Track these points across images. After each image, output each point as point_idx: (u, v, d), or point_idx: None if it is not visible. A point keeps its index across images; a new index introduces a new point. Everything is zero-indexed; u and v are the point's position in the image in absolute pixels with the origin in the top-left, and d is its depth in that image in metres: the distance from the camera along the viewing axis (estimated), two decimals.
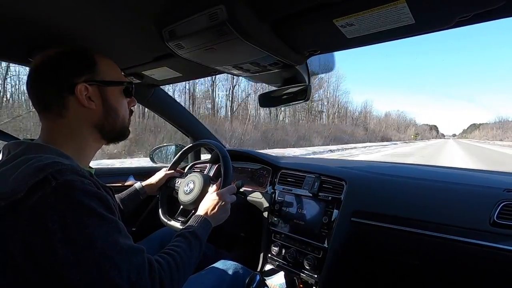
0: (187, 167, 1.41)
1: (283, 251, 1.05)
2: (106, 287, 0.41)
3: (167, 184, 1.05)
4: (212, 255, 1.08)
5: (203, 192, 0.87)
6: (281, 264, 1.04)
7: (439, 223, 0.80)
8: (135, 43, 0.73)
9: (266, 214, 1.12)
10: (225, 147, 1.24)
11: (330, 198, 0.99)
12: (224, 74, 0.93)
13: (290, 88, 0.91)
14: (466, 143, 52.42)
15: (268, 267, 1.07)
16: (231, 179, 0.88)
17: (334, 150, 16.17)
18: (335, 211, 0.96)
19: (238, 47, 0.62)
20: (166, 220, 0.96)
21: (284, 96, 0.94)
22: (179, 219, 0.95)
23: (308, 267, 0.95)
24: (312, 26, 0.58)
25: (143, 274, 0.45)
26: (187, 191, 0.91)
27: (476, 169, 1.32)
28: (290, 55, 0.71)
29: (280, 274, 1.01)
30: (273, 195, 1.14)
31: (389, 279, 1.02)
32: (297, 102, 0.92)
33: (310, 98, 0.89)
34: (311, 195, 1.03)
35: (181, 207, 0.95)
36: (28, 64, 0.76)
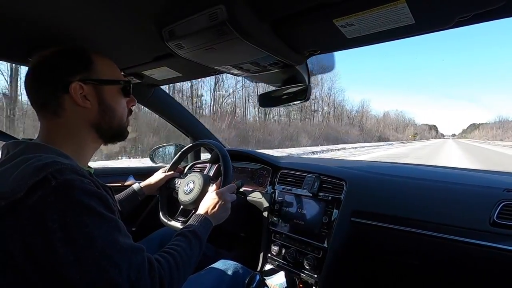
0: (187, 167, 1.41)
1: (283, 251, 1.05)
2: (106, 286, 0.41)
3: (167, 185, 1.05)
4: (212, 255, 1.08)
5: (203, 192, 0.87)
6: (281, 264, 1.04)
7: (438, 223, 0.80)
8: (135, 43, 0.73)
9: (266, 214, 1.12)
10: (225, 147, 1.24)
11: (330, 198, 0.99)
12: None
13: (290, 88, 0.91)
14: (465, 143, 52.26)
15: (268, 267, 1.07)
16: (231, 178, 0.88)
17: (316, 152, 14.80)
18: (335, 211, 0.96)
19: (238, 47, 0.62)
20: (166, 221, 0.96)
21: (284, 96, 0.94)
22: (179, 219, 0.95)
23: (308, 267, 0.95)
24: (312, 26, 0.58)
25: (143, 273, 0.45)
26: (187, 191, 0.91)
27: (476, 169, 1.33)
28: (290, 55, 0.71)
29: (280, 274, 1.01)
30: (273, 195, 1.14)
31: (388, 279, 1.02)
32: (297, 102, 0.92)
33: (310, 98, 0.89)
34: (311, 195, 1.03)
35: (181, 207, 0.95)
36: (28, 64, 0.76)
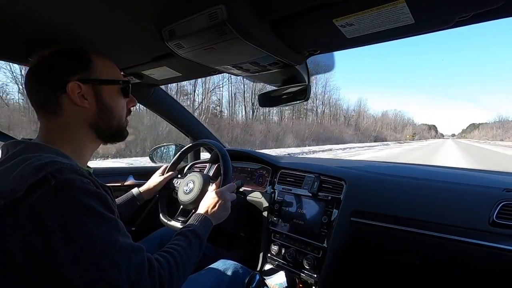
0: (187, 167, 1.41)
1: (283, 251, 1.05)
2: (105, 286, 0.41)
3: (167, 185, 1.05)
4: (211, 254, 1.08)
5: (203, 192, 0.87)
6: (280, 264, 1.04)
7: (440, 223, 0.80)
8: (135, 42, 0.73)
9: (265, 214, 1.12)
10: (225, 147, 1.24)
11: (329, 197, 0.99)
12: None
13: (289, 88, 0.90)
14: (465, 143, 52.01)
15: (267, 266, 1.08)
16: (231, 178, 0.88)
17: (295, 154, 13.13)
18: (335, 211, 0.96)
19: (238, 47, 0.62)
20: (166, 221, 0.96)
21: (284, 96, 0.94)
22: (179, 219, 0.95)
23: (307, 267, 0.95)
24: (312, 26, 0.58)
25: (142, 273, 0.45)
26: (186, 191, 0.91)
27: (476, 169, 1.33)
28: (290, 55, 0.71)
29: (279, 274, 1.01)
30: (272, 194, 1.14)
31: (389, 279, 1.02)
32: (296, 102, 0.92)
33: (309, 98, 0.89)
34: (310, 194, 1.03)
35: (181, 207, 0.95)
36: (28, 64, 0.76)
